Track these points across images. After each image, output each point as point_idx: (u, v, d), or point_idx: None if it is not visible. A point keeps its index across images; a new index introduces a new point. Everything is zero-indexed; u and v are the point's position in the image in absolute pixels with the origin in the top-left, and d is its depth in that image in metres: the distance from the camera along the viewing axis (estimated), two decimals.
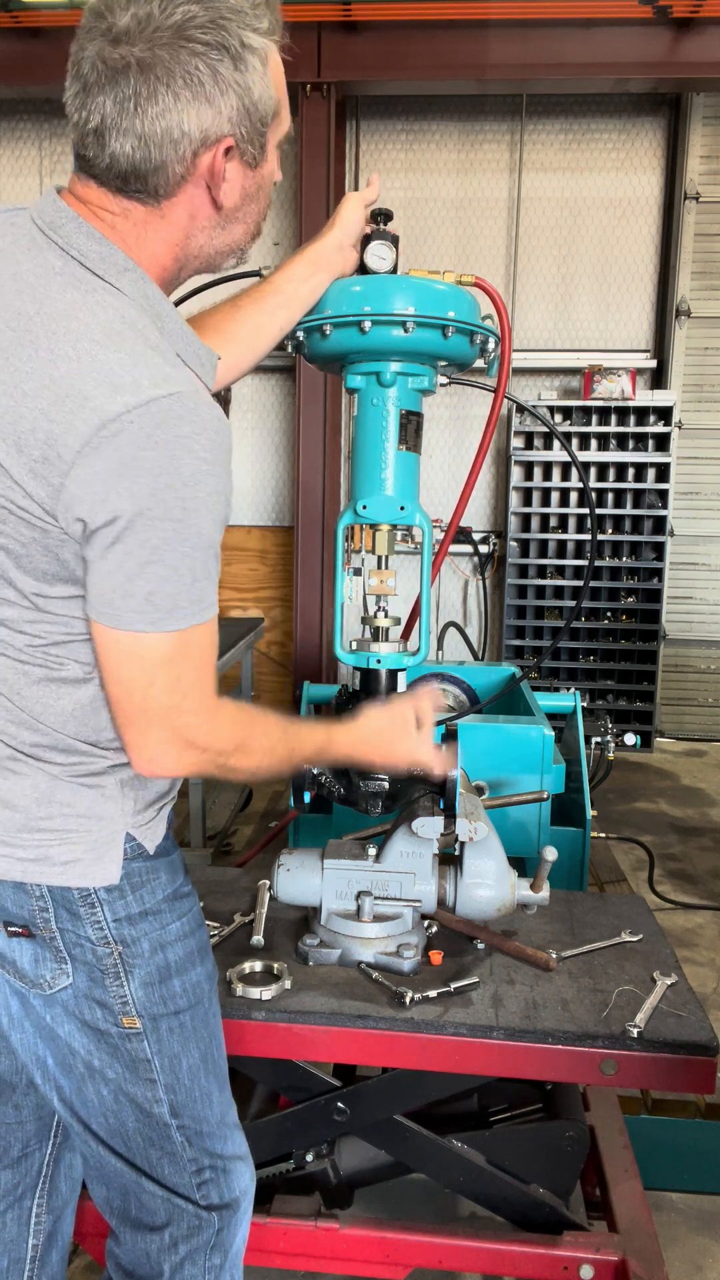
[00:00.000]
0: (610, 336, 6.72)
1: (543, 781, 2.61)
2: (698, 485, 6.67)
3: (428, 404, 1.74)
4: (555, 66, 5.65)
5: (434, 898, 1.78)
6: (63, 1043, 1.29)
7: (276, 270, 1.58)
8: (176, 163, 1.13)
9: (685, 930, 3.79)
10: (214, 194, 1.17)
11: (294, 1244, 1.77)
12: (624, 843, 4.32)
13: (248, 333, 1.55)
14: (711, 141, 6.39)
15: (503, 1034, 1.61)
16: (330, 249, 1.57)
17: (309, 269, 1.56)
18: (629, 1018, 1.63)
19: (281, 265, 1.58)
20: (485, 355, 1.69)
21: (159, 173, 1.13)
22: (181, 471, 1.06)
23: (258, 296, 1.55)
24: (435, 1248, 1.76)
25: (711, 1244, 2.21)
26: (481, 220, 6.67)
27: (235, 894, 2.09)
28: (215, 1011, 1.41)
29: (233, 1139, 1.42)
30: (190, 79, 1.08)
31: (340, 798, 1.76)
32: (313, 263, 1.56)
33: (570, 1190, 1.82)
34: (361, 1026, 1.63)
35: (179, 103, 1.09)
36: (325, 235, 1.58)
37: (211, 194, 1.17)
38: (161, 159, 1.12)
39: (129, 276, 1.13)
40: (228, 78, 1.10)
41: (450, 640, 6.28)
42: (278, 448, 7.01)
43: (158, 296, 1.15)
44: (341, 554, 1.76)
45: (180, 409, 1.05)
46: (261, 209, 1.27)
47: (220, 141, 1.13)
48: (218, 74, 1.09)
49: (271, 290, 1.55)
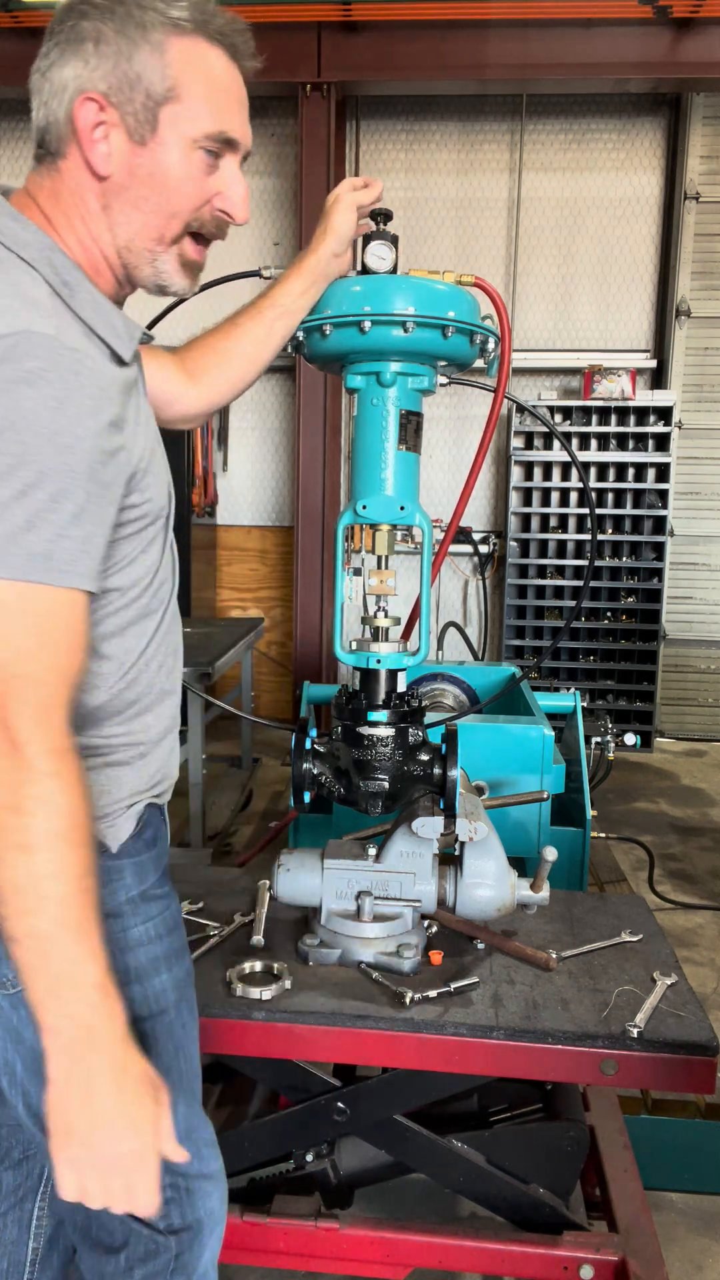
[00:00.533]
0: (610, 336, 6.72)
1: (543, 781, 2.61)
2: (698, 485, 6.67)
3: (428, 404, 1.75)
4: (555, 66, 5.65)
5: (434, 898, 1.78)
6: (28, 1045, 1.20)
7: (274, 285, 1.59)
8: (62, 116, 1.14)
9: (685, 930, 3.79)
10: (85, 153, 1.15)
11: (294, 1244, 1.77)
12: (624, 843, 4.31)
13: (247, 347, 1.58)
14: (711, 141, 6.39)
15: (503, 1034, 1.61)
16: (325, 259, 1.58)
17: (306, 282, 1.58)
18: (629, 1018, 1.63)
19: (278, 280, 1.59)
20: (485, 355, 1.69)
21: (51, 129, 1.15)
22: (21, 406, 1.00)
23: (256, 312, 1.57)
24: (435, 1248, 1.76)
25: (711, 1244, 2.21)
26: (481, 220, 6.67)
27: (235, 894, 2.09)
28: (185, 1021, 1.35)
29: (200, 1156, 1.35)
30: (76, 35, 1.12)
31: (340, 798, 1.76)
32: (309, 275, 1.58)
33: (570, 1190, 1.82)
34: (361, 1026, 1.63)
35: (64, 57, 1.13)
36: (320, 245, 1.58)
37: (85, 155, 1.15)
38: (52, 113, 1.15)
39: (36, 246, 1.11)
40: (110, 39, 1.12)
41: (450, 640, 6.28)
42: (278, 448, 7.01)
43: (66, 266, 1.13)
44: (341, 554, 1.76)
45: (30, 346, 1.01)
46: (166, 206, 1.18)
47: (87, 93, 1.13)
48: (101, 34, 1.12)
49: (269, 305, 1.57)
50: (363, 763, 1.70)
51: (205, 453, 6.55)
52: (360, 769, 1.70)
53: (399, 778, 1.70)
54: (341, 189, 1.60)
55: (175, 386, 1.54)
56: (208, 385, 1.58)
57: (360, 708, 1.71)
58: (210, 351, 1.57)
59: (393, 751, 1.69)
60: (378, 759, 1.69)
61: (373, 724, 1.69)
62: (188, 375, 1.55)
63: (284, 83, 5.82)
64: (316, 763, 1.76)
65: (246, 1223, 1.76)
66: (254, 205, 6.70)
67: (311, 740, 1.77)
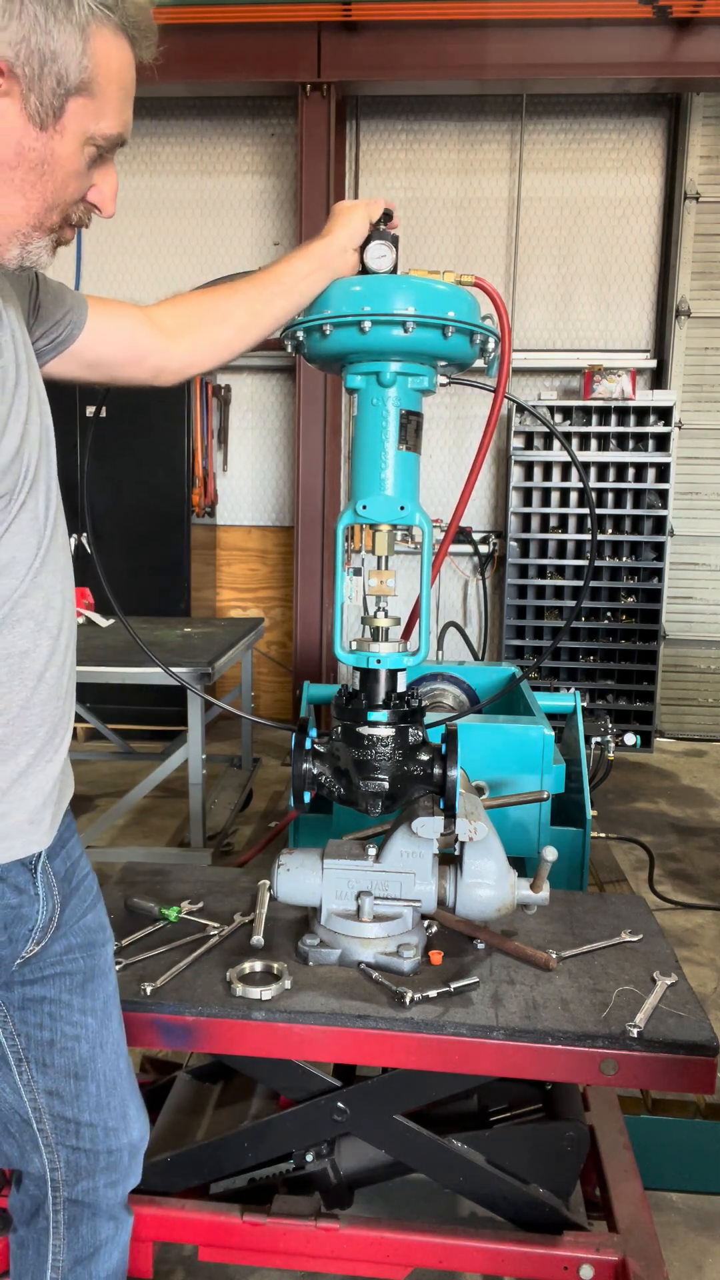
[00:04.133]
0: (610, 336, 6.72)
1: (543, 781, 2.61)
2: (698, 485, 6.67)
3: (428, 404, 1.74)
4: (555, 66, 5.65)
5: (434, 898, 1.78)
6: None
7: (278, 261, 1.57)
8: None
9: (685, 930, 3.79)
10: None
11: (294, 1244, 1.76)
12: (624, 843, 4.32)
13: (243, 315, 1.54)
14: (711, 141, 6.39)
15: (503, 1034, 1.61)
16: (335, 249, 1.57)
17: (312, 265, 1.56)
18: (629, 1018, 1.63)
19: (284, 258, 1.57)
20: (485, 355, 1.69)
21: None
22: None
23: (257, 283, 1.55)
24: (435, 1248, 1.75)
25: (711, 1244, 2.21)
26: (481, 220, 6.67)
27: (235, 894, 2.09)
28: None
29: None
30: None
31: (340, 798, 1.76)
32: (316, 259, 1.56)
33: (570, 1190, 1.82)
34: (361, 1026, 1.63)
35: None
36: (330, 235, 1.58)
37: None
38: None
39: None
40: (30, 4, 1.03)
41: (450, 640, 6.29)
42: (278, 448, 7.01)
43: None
44: (341, 554, 1.76)
45: None
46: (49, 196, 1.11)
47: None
48: (23, 4, 1.02)
49: (272, 279, 1.55)
50: (363, 763, 1.69)
51: (205, 453, 6.56)
52: (360, 769, 1.70)
53: (399, 778, 1.70)
54: (356, 201, 1.62)
55: (146, 343, 1.50)
56: (189, 344, 1.53)
57: (360, 708, 1.71)
58: (201, 309, 1.53)
59: (393, 751, 1.69)
60: (378, 759, 1.69)
61: (373, 724, 1.69)
62: (163, 332, 1.51)
63: (284, 83, 5.83)
64: (316, 763, 1.76)
65: (246, 1223, 1.76)
66: (254, 205, 6.74)
67: (311, 740, 1.77)
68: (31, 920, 1.28)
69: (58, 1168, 1.41)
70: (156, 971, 1.75)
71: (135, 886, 2.12)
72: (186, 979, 1.75)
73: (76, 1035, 1.38)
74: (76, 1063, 1.38)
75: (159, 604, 6.04)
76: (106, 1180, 1.45)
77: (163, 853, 4.31)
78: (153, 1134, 1.93)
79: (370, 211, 1.60)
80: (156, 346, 1.51)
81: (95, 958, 1.42)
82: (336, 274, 1.59)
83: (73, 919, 1.38)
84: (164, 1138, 1.94)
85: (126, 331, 1.48)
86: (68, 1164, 1.41)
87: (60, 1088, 1.37)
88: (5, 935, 1.25)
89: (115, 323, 1.47)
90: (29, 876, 1.27)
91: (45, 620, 1.23)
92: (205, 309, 1.54)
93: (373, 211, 1.61)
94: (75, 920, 1.38)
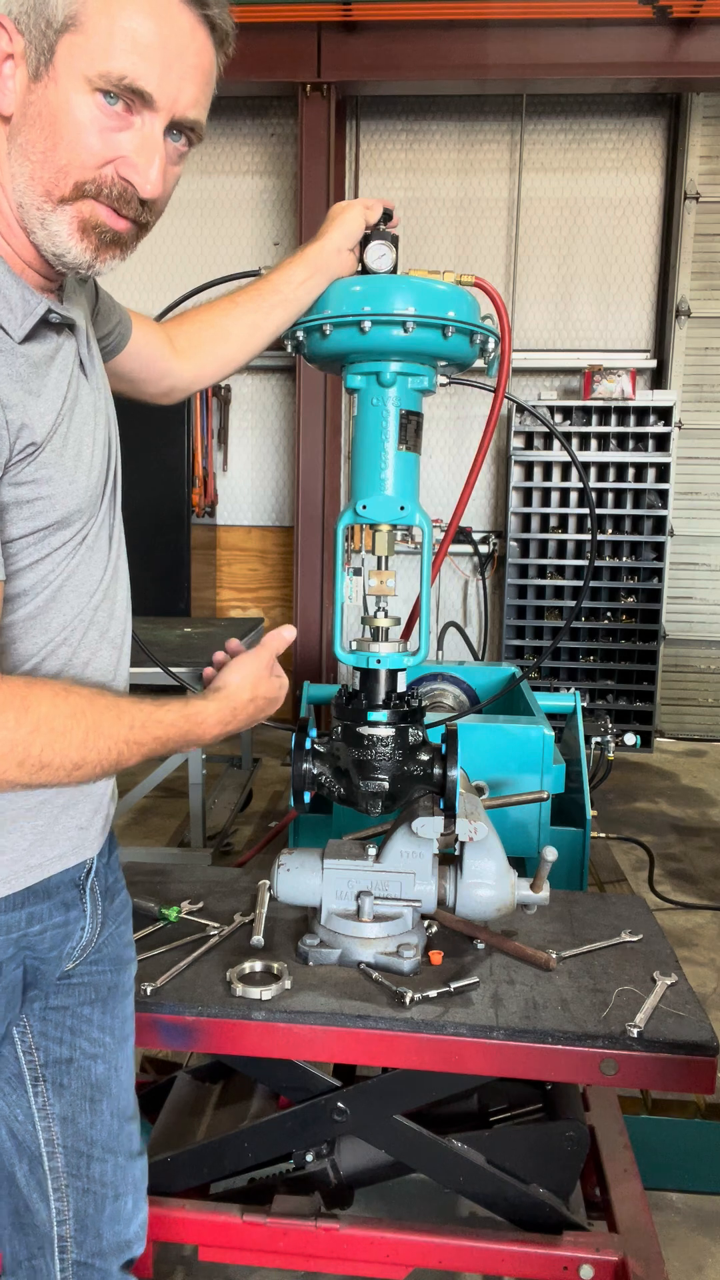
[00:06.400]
0: (610, 336, 6.72)
1: (543, 781, 2.61)
2: (698, 485, 6.67)
3: (428, 404, 1.74)
4: (555, 66, 5.65)
5: (434, 898, 1.78)
6: None
7: (274, 270, 1.58)
8: None
9: (685, 930, 3.79)
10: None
11: (294, 1244, 1.76)
12: (624, 843, 4.32)
13: (243, 330, 1.56)
14: (711, 141, 6.39)
15: (503, 1034, 1.61)
16: (329, 252, 1.57)
17: (307, 271, 1.56)
18: (629, 1018, 1.63)
19: (280, 266, 1.58)
20: (485, 355, 1.69)
21: None
22: None
23: (255, 295, 1.56)
24: (435, 1248, 1.75)
25: (711, 1244, 2.21)
26: (481, 220, 6.67)
27: (235, 894, 2.09)
28: None
29: None
30: None
31: (340, 798, 1.76)
32: (311, 264, 1.57)
33: (570, 1190, 1.82)
34: (361, 1026, 1.63)
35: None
36: (324, 237, 1.58)
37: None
38: None
39: None
40: None
41: (450, 640, 6.29)
42: (278, 448, 7.01)
43: None
44: (341, 554, 1.76)
45: None
46: (53, 155, 1.01)
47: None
48: None
49: (270, 290, 1.56)
50: (363, 763, 1.69)
51: (205, 453, 6.56)
52: (360, 769, 1.70)
53: (399, 778, 1.70)
54: (352, 200, 1.61)
55: (166, 362, 1.52)
56: (196, 363, 1.55)
57: (360, 708, 1.71)
58: (204, 328, 1.54)
59: (393, 751, 1.69)
60: (378, 759, 1.69)
61: (373, 724, 1.69)
62: (175, 351, 1.53)
63: (284, 83, 5.83)
64: (316, 763, 1.76)
65: (246, 1223, 1.76)
66: (254, 205, 6.73)
67: (311, 740, 1.77)
68: (76, 938, 1.28)
69: (65, 1220, 1.34)
70: (156, 971, 1.75)
71: (135, 886, 2.11)
72: (186, 979, 1.75)
73: (94, 1054, 1.34)
74: (92, 1085, 1.34)
75: (159, 604, 6.04)
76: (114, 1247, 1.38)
77: (163, 853, 4.31)
78: (153, 1134, 1.94)
79: (368, 211, 1.60)
80: (172, 366, 1.53)
81: (121, 974, 1.40)
82: (333, 276, 1.59)
83: (108, 934, 1.37)
84: (164, 1138, 1.94)
85: (155, 348, 1.50)
86: (76, 1215, 1.34)
87: (75, 1114, 1.33)
88: (54, 954, 1.25)
89: (149, 339, 1.49)
90: (77, 893, 1.27)
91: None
92: (208, 327, 1.55)
93: (371, 212, 1.60)
94: (109, 935, 1.37)
